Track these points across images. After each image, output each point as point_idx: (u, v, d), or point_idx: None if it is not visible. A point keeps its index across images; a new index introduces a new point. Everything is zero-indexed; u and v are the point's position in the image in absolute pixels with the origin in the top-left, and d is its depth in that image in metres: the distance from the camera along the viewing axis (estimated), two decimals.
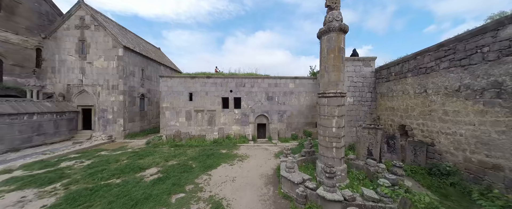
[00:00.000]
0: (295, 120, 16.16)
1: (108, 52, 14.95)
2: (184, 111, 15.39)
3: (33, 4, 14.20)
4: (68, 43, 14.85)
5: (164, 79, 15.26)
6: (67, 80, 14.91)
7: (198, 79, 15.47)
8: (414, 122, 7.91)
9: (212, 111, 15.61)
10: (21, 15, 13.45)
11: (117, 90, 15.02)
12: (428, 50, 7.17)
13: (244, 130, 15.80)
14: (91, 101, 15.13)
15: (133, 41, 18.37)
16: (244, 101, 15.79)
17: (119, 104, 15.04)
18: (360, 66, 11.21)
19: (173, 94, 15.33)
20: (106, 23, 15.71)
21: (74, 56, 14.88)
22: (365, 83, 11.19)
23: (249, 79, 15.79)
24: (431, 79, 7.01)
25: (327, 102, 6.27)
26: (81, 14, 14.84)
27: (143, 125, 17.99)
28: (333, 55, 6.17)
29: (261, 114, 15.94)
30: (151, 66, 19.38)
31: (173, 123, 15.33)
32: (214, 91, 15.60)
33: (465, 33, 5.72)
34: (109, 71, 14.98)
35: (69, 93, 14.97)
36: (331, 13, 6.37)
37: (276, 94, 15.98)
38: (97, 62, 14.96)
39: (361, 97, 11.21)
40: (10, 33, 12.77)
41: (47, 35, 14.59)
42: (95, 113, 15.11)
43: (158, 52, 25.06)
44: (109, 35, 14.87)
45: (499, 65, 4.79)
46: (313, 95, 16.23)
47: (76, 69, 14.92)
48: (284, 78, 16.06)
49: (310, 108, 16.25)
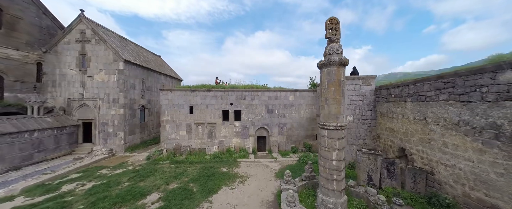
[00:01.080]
0: (295, 133, 16.21)
1: (109, 65, 14.99)
2: (185, 124, 15.43)
3: (34, 18, 14.22)
4: (69, 57, 14.88)
5: (165, 93, 15.29)
6: (67, 94, 14.94)
7: (198, 92, 15.51)
8: (414, 148, 7.96)
9: (212, 124, 15.65)
10: (21, 30, 13.48)
11: (118, 104, 15.05)
12: (428, 79, 7.22)
13: (244, 143, 15.85)
14: (91, 115, 15.15)
15: (134, 52, 18.40)
16: (245, 114, 15.84)
17: (119, 118, 15.07)
18: (360, 85, 11.26)
19: (173, 107, 15.37)
20: (106, 36, 15.75)
21: (75, 70, 14.91)
22: (365, 101, 11.24)
23: (249, 92, 15.84)
24: (430, 108, 7.06)
25: (328, 134, 6.31)
26: (82, 28, 14.87)
27: (143, 136, 18.02)
28: (334, 88, 6.22)
29: (261, 126, 15.99)
30: (152, 77, 19.41)
31: (173, 136, 15.36)
32: (215, 104, 15.64)
33: (464, 70, 5.78)
34: (110, 85, 15.01)
35: (70, 106, 14.99)
36: (332, 46, 6.42)
37: (276, 106, 16.03)
38: (97, 76, 14.99)
39: (361, 116, 11.26)
40: (11, 49, 12.80)
41: (47, 49, 14.62)
42: (95, 126, 15.13)
43: (158, 60, 25.09)
44: (109, 49, 14.90)
45: (498, 108, 4.84)
46: (313, 107, 16.28)
47: (76, 83, 14.94)
48: (284, 90, 16.11)
49: (310, 120, 16.30)
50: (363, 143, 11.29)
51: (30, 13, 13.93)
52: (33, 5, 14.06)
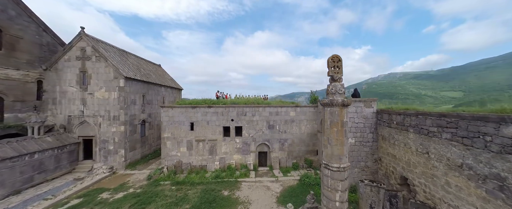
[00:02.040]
0: (296, 148, 16.18)
1: (109, 83, 14.96)
2: (185, 141, 15.39)
3: (34, 36, 14.20)
4: (69, 74, 14.85)
5: (165, 109, 15.26)
6: (68, 111, 14.90)
7: (199, 108, 15.47)
8: (417, 179, 7.93)
9: (213, 141, 15.61)
10: (22, 49, 13.45)
11: (118, 121, 15.01)
12: (430, 114, 7.20)
13: (245, 159, 15.81)
14: (92, 132, 15.11)
15: (134, 66, 18.37)
16: (245, 130, 15.80)
17: (120, 135, 15.03)
18: (361, 107, 11.25)
19: (174, 124, 15.33)
20: (107, 52, 15.73)
21: (75, 87, 14.87)
22: (367, 124, 11.22)
23: (250, 108, 15.81)
24: (433, 144, 7.04)
25: (331, 175, 6.28)
26: (82, 46, 14.85)
27: (144, 150, 17.97)
28: (336, 129, 6.20)
29: (262, 142, 15.95)
30: (152, 90, 19.38)
31: (174, 153, 15.32)
32: (216, 120, 15.61)
33: (467, 113, 5.75)
34: (110, 102, 14.98)
35: (70, 124, 14.95)
36: (334, 85, 6.40)
37: (277, 122, 16.00)
38: (98, 93, 14.95)
39: (363, 138, 11.23)
40: (11, 70, 12.77)
41: (48, 67, 14.59)
42: (96, 143, 15.09)
43: (159, 70, 25.07)
44: (110, 66, 14.87)
45: (502, 160, 4.82)
46: (314, 123, 16.25)
47: (77, 100, 14.91)
48: (285, 106, 16.09)
49: (311, 136, 16.27)
50: (364, 166, 11.27)
51: (30, 32, 13.90)
52: (33, 23, 14.04)
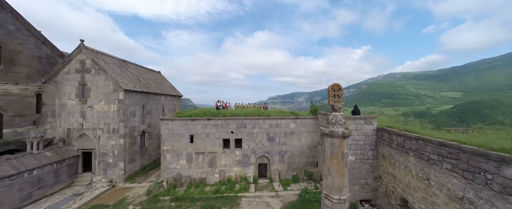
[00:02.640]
0: (296, 160, 16.14)
1: (109, 95, 14.91)
2: (185, 154, 15.35)
3: (33, 50, 14.14)
4: (69, 87, 14.80)
5: (165, 122, 15.21)
6: (67, 124, 14.84)
7: (199, 121, 15.43)
8: (417, 204, 7.90)
9: (213, 153, 15.57)
10: (21, 64, 13.40)
11: (118, 134, 14.96)
12: (430, 141, 7.18)
13: (245, 171, 15.77)
14: (91, 145, 15.06)
15: (134, 77, 18.32)
16: (245, 142, 15.77)
17: (119, 148, 14.98)
18: (362, 124, 11.22)
19: (174, 136, 15.28)
20: (106, 64, 15.68)
21: (75, 100, 14.82)
22: (367, 141, 11.20)
23: (250, 120, 15.77)
24: (434, 171, 7.01)
25: (331, 206, 6.26)
26: (81, 58, 14.80)
27: (143, 161, 17.93)
28: (336, 160, 6.17)
29: (262, 154, 15.91)
30: (152, 100, 19.33)
31: (174, 166, 15.27)
32: (215, 133, 15.57)
33: (468, 148, 5.73)
34: (110, 115, 14.93)
35: (69, 137, 14.90)
36: (334, 116, 6.38)
37: (277, 134, 15.97)
38: (97, 106, 14.91)
39: (363, 155, 11.21)
40: (10, 84, 12.71)
41: (47, 80, 14.55)
42: (95, 156, 15.04)
43: (159, 78, 25.02)
44: (110, 78, 14.83)
45: (503, 201, 4.79)
46: (314, 134, 16.22)
47: (76, 113, 14.86)
48: (285, 118, 16.06)
49: (311, 148, 16.23)
50: (364, 183, 11.24)
51: (29, 45, 13.85)
52: (32, 36, 13.98)
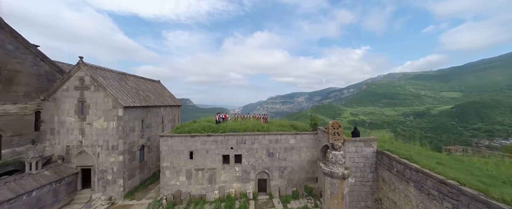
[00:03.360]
0: (296, 176, 16.11)
1: (108, 112, 14.86)
2: (185, 170, 15.30)
3: (32, 68, 14.08)
4: (68, 104, 14.75)
5: (164, 139, 15.16)
6: (66, 142, 14.79)
7: (198, 137, 15.38)
8: None
9: (212, 169, 15.53)
10: (19, 82, 13.34)
11: (117, 151, 14.92)
12: (431, 176, 7.14)
13: (245, 187, 15.73)
14: (90, 162, 15.01)
15: (133, 90, 18.26)
16: (245, 158, 15.72)
17: (118, 164, 14.94)
18: (362, 147, 11.18)
19: (173, 153, 15.23)
20: (106, 80, 15.62)
21: (74, 117, 14.77)
22: (367, 163, 11.16)
23: (249, 136, 15.73)
24: (434, 207, 6.97)
25: None
26: (80, 75, 14.74)
27: (142, 176, 17.88)
28: (337, 201, 6.13)
29: (262, 170, 15.88)
30: (151, 113, 19.28)
31: (173, 182, 15.23)
32: (215, 149, 15.52)
33: (468, 191, 5.69)
34: (109, 132, 14.88)
35: (68, 154, 14.85)
36: (335, 155, 6.34)
37: (276, 150, 15.93)
38: (96, 123, 14.85)
39: (363, 178, 11.17)
40: (9, 104, 12.65)
41: (46, 97, 14.49)
42: (94, 173, 14.99)
43: (158, 88, 24.96)
44: (109, 95, 14.77)
45: None
46: (314, 150, 16.18)
47: (75, 130, 14.80)
48: (284, 134, 16.01)
49: (311, 163, 16.19)
50: (364, 206, 11.21)
51: (27, 63, 13.79)
52: (30, 54, 13.92)
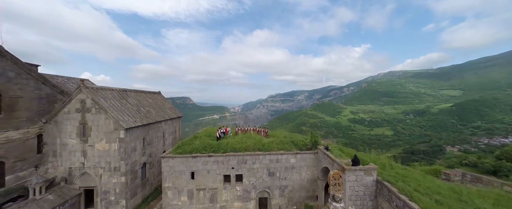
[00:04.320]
0: (296, 195, 16.30)
1: (110, 134, 14.94)
2: (186, 190, 15.49)
3: (34, 92, 14.09)
4: (70, 126, 14.82)
5: (166, 160, 15.29)
6: (69, 163, 14.93)
7: (199, 158, 15.51)
8: None
9: (213, 189, 15.71)
10: (21, 108, 13.37)
11: (119, 172, 15.07)
12: None
13: (245, 206, 15.94)
14: (93, 183, 15.18)
15: (134, 107, 18.27)
16: (246, 177, 15.89)
17: (121, 185, 15.11)
18: (362, 176, 11.30)
19: (175, 173, 15.38)
20: (106, 101, 15.64)
21: (75, 140, 14.86)
22: (367, 192, 11.29)
23: (250, 156, 15.86)
24: None
25: None
26: (81, 98, 14.77)
27: (144, 193, 18.10)
28: None
29: (262, 189, 16.06)
30: (152, 129, 19.36)
31: (175, 202, 15.43)
32: (216, 169, 15.67)
33: None
34: (111, 153, 15.00)
35: (71, 176, 15.01)
36: (335, 207, 6.44)
37: (277, 169, 16.09)
38: (98, 145, 14.96)
39: (363, 206, 11.31)
40: (11, 131, 12.72)
41: (48, 120, 14.54)
42: (97, 194, 15.18)
43: (158, 99, 24.97)
44: (110, 118, 14.83)
45: None
46: (314, 169, 16.33)
47: (77, 152, 14.92)
48: (285, 154, 16.14)
49: (311, 182, 16.37)
50: None
51: (29, 88, 13.80)
52: (32, 79, 13.91)
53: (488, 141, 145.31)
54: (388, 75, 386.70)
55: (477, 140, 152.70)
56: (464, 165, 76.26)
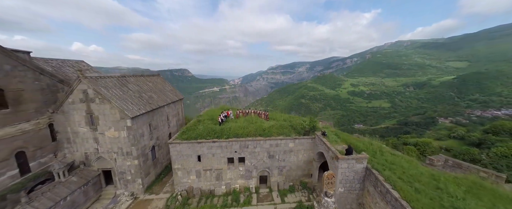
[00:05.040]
0: (293, 173, 18.15)
1: (117, 123, 15.62)
2: (194, 170, 17.18)
3: (34, 83, 14.03)
4: (77, 116, 15.36)
5: (173, 145, 16.43)
6: (83, 149, 16.11)
7: (204, 143, 16.62)
8: None
9: (219, 169, 17.40)
10: (27, 100, 13.58)
11: (132, 156, 16.40)
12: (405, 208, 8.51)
13: (248, 183, 17.97)
14: (109, 165, 16.70)
15: (136, 94, 18.45)
16: (248, 160, 17.38)
17: (135, 167, 16.68)
18: (353, 163, 12.44)
19: (182, 157, 16.77)
20: (108, 90, 15.74)
21: (85, 128, 15.63)
22: (356, 177, 12.63)
23: (252, 141, 16.96)
24: None
25: None
26: (83, 88, 14.83)
27: (157, 171, 20.02)
28: None
29: (263, 169, 17.80)
30: (157, 114, 20.01)
31: (185, 180, 17.33)
32: (220, 153, 17.00)
33: None
34: (121, 140, 16.00)
35: (88, 159, 16.40)
36: (327, 202, 7.51)
37: (276, 152, 17.44)
38: (108, 132, 15.82)
39: (351, 187, 12.85)
40: (23, 123, 13.29)
41: (54, 110, 14.99)
42: (115, 174, 16.90)
43: (159, 83, 24.85)
44: (115, 107, 15.23)
45: None
46: (311, 152, 17.70)
47: (90, 139, 15.91)
48: (284, 139, 17.21)
49: (307, 162, 17.98)
50: (350, 208, 13.29)
51: (28, 80, 13.69)
52: (29, 70, 13.67)
53: (481, 113, 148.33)
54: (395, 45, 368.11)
55: (470, 113, 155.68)
56: (452, 137, 79.08)
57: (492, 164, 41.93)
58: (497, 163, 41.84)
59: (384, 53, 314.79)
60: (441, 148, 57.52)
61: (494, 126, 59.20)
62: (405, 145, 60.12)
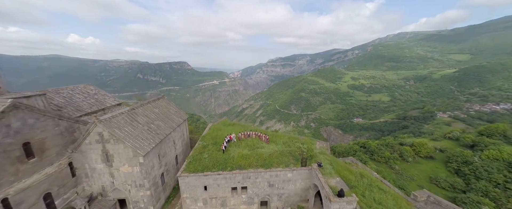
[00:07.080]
0: (291, 199, 19.95)
1: (130, 160, 17.05)
2: (201, 199, 18.94)
3: (54, 129, 15.21)
4: (94, 155, 16.75)
5: (182, 178, 18.02)
6: (100, 182, 17.70)
7: (210, 176, 18.21)
8: None
9: (223, 197, 19.16)
10: (49, 146, 14.85)
11: (144, 188, 18.03)
12: None
13: (249, 208, 19.84)
14: (124, 195, 18.40)
15: (145, 125, 19.66)
16: (250, 188, 19.09)
17: (147, 197, 18.39)
18: (344, 205, 14.04)
19: (190, 187, 18.45)
20: (121, 130, 16.93)
21: (101, 165, 17.10)
22: None
23: (253, 173, 18.54)
24: None
25: None
26: (99, 131, 16.06)
27: (166, 194, 21.82)
28: None
29: (264, 196, 19.56)
30: (165, 143, 21.37)
31: (193, 207, 19.16)
32: (225, 183, 18.66)
33: None
34: (134, 174, 17.54)
35: (105, 191, 18.05)
36: None
37: (276, 182, 19.11)
38: (122, 168, 17.31)
39: None
40: (48, 168, 14.69)
41: (73, 150, 16.34)
42: (129, 203, 18.65)
43: (164, 106, 25.95)
44: (128, 147, 16.58)
45: None
46: (307, 181, 19.36)
47: (106, 174, 17.44)
48: (283, 170, 18.76)
49: (304, 190, 19.71)
50: None
51: (49, 128, 14.85)
52: (49, 118, 14.80)
53: (480, 108, 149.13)
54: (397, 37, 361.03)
55: (469, 107, 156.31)
56: (448, 138, 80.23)
57: (483, 166, 44.04)
58: (488, 166, 43.99)
59: (386, 46, 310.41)
60: (435, 149, 59.65)
61: (489, 128, 61.04)
62: (401, 145, 62.21)
